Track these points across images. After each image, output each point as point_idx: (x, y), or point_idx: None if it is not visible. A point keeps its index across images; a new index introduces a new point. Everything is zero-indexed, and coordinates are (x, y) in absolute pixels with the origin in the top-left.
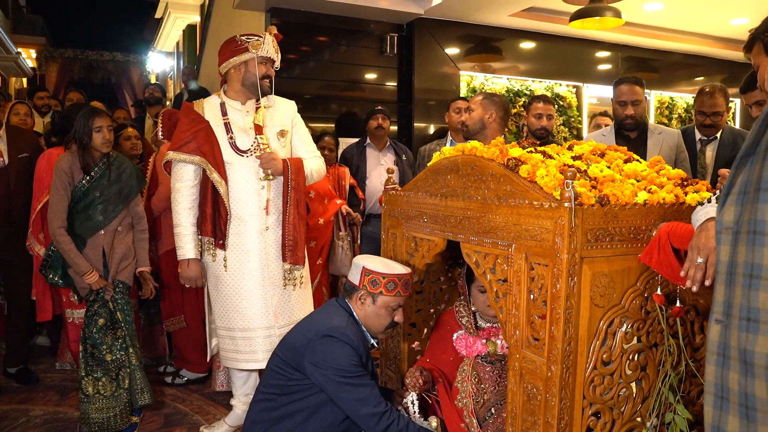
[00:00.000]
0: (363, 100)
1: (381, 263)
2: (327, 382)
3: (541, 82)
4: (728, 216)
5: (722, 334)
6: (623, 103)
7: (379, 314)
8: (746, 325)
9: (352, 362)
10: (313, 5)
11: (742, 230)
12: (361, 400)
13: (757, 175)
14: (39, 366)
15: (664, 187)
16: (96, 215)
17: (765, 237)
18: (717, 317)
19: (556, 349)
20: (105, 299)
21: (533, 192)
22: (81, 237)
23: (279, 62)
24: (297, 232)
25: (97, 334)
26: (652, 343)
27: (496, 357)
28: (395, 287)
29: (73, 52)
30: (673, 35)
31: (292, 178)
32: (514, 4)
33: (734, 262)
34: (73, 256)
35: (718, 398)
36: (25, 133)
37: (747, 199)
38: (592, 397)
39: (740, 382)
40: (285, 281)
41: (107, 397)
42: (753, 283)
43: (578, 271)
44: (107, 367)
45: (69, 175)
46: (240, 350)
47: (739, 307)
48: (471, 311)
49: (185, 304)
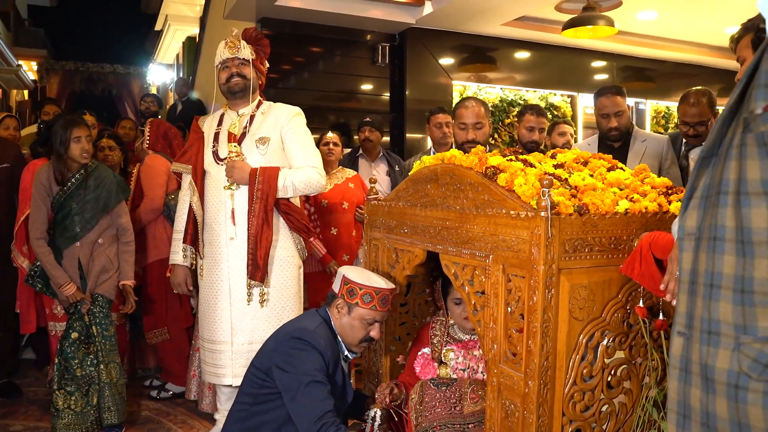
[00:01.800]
0: (356, 110)
1: (361, 274)
2: (287, 384)
3: (535, 91)
4: (690, 221)
5: (684, 348)
6: (606, 116)
7: (354, 326)
8: (707, 338)
9: (315, 367)
10: (304, 15)
11: (704, 236)
12: (309, 409)
13: (718, 178)
14: (24, 380)
15: (647, 195)
16: (73, 226)
17: (725, 243)
18: (679, 329)
19: (533, 363)
20: (81, 312)
21: (510, 201)
22: (58, 248)
23: (249, 56)
24: (259, 246)
25: (68, 348)
26: (635, 357)
27: (445, 380)
28: (371, 300)
29: (74, 65)
30: (668, 44)
31: (258, 188)
32: (506, 14)
33: (696, 271)
34: (51, 268)
35: (680, 416)
36: (6, 143)
37: (709, 203)
38: (572, 414)
39: (701, 399)
40: (248, 297)
41: (77, 413)
42: (713, 293)
43: (556, 283)
44: (78, 382)
45: (47, 187)
46: (207, 362)
47: (700, 319)
48: (446, 327)
49: (168, 317)
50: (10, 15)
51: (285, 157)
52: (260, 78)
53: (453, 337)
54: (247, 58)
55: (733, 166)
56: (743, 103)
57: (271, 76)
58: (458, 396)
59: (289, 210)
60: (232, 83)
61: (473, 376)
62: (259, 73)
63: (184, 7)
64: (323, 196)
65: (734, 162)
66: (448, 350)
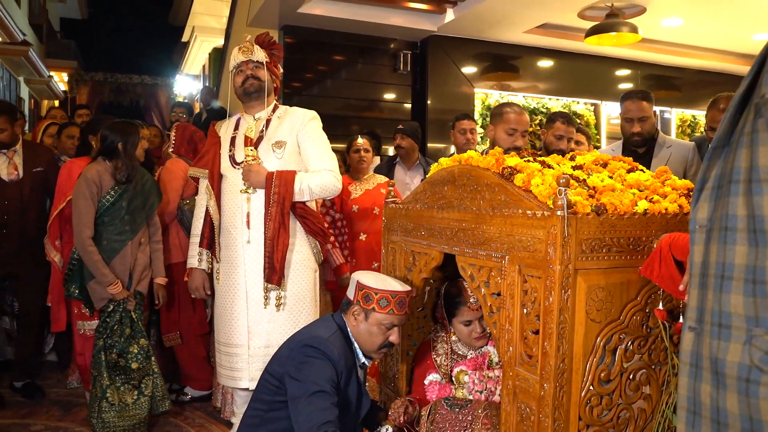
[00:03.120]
0: (378, 119)
1: (376, 278)
2: (294, 393)
3: (558, 99)
4: (702, 213)
5: (695, 343)
6: (630, 120)
7: (372, 332)
8: (717, 332)
9: (324, 376)
10: (326, 23)
11: (715, 227)
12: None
13: (730, 167)
14: (46, 381)
15: (667, 196)
16: (123, 226)
17: (736, 233)
18: (690, 324)
19: (549, 366)
20: (128, 309)
21: (527, 201)
22: (111, 249)
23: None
24: (276, 250)
25: (124, 344)
26: (655, 361)
27: (460, 401)
28: (388, 304)
29: (102, 75)
30: (694, 51)
31: (275, 192)
32: (528, 21)
33: (707, 263)
34: (100, 266)
35: (690, 414)
36: (40, 147)
37: (720, 193)
38: (589, 419)
39: (712, 395)
40: (265, 301)
41: (129, 405)
42: (724, 284)
43: (572, 284)
44: (130, 375)
45: (98, 186)
46: (223, 365)
47: (711, 312)
48: (449, 343)
49: (181, 321)
50: (43, 28)
51: (301, 160)
52: (275, 81)
53: (458, 353)
54: (261, 61)
55: (744, 154)
56: (755, 90)
57: (294, 84)
58: (470, 419)
59: (306, 213)
60: (247, 85)
61: (490, 398)
62: (273, 77)
63: (210, 19)
64: (354, 202)
65: (745, 150)
66: (461, 372)
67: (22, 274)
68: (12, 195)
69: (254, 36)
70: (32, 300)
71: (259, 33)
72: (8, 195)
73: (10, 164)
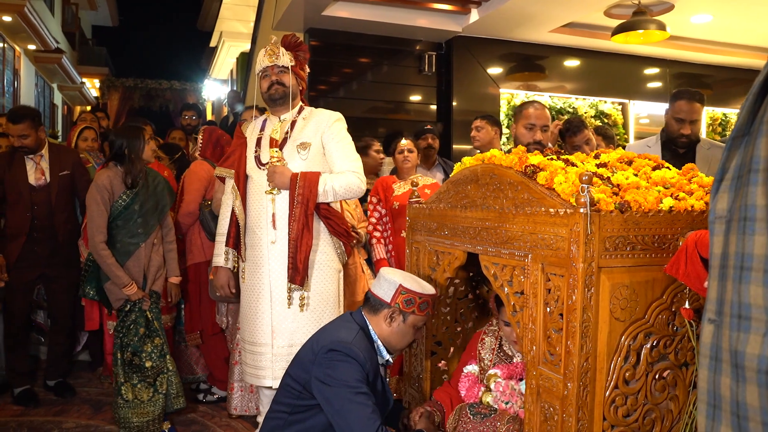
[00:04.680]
0: (404, 121)
1: (414, 282)
2: (329, 398)
3: (584, 99)
4: (721, 204)
5: (714, 335)
6: (680, 120)
7: (406, 333)
8: (737, 324)
9: (356, 378)
10: (351, 25)
11: (734, 218)
12: (361, 424)
13: (749, 157)
14: (77, 380)
15: (693, 194)
16: (136, 229)
17: (756, 223)
18: (710, 316)
19: (572, 364)
20: (143, 309)
21: (550, 199)
22: (125, 251)
23: (288, 63)
24: (299, 251)
25: (138, 343)
26: (682, 361)
27: (484, 410)
28: (427, 307)
29: (133, 81)
30: (724, 48)
31: (299, 193)
32: (554, 20)
33: (726, 254)
34: (115, 269)
35: (710, 407)
36: (66, 151)
37: (740, 183)
38: (614, 419)
39: (732, 388)
40: (289, 301)
41: (145, 402)
42: (744, 275)
43: (596, 282)
44: (145, 373)
45: (109, 191)
46: (248, 363)
47: (731, 304)
48: (498, 339)
49: (202, 320)
50: (76, 35)
51: (326, 162)
52: (301, 84)
53: (506, 353)
54: (286, 66)
55: (763, 143)
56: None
57: (320, 87)
58: (492, 430)
59: (330, 215)
60: (272, 91)
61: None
62: (299, 79)
63: (238, 24)
64: (396, 199)
65: (765, 138)
66: (493, 376)
67: (54, 275)
68: (41, 199)
69: (280, 38)
70: (64, 301)
71: (284, 35)
72: (37, 200)
73: (37, 169)
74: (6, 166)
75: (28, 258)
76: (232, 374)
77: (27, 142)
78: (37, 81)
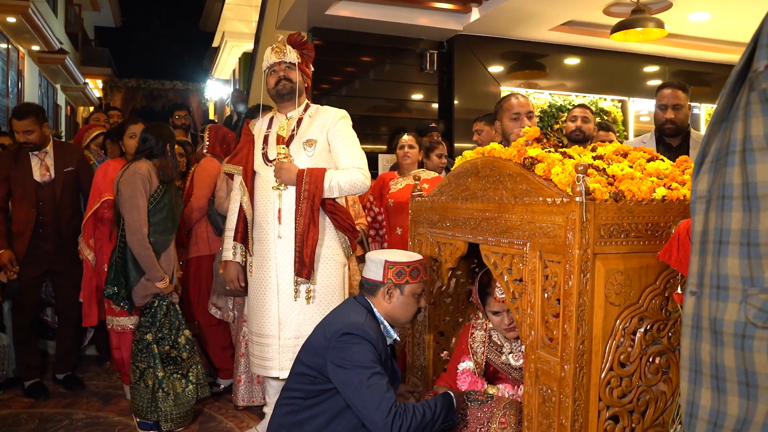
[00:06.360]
0: (406, 119)
1: (400, 254)
2: (346, 381)
3: (584, 96)
4: (702, 185)
5: (696, 306)
6: (664, 107)
7: (408, 303)
8: (716, 293)
9: (370, 358)
10: (354, 24)
11: (714, 197)
12: (377, 403)
13: (727, 140)
14: (85, 374)
15: (686, 184)
16: (168, 223)
17: (732, 201)
18: (692, 289)
19: (569, 347)
20: (173, 302)
21: (547, 189)
22: (162, 246)
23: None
24: (305, 245)
25: (175, 335)
26: (675, 345)
27: (481, 396)
28: (419, 273)
29: (135, 82)
30: (723, 46)
31: (305, 188)
32: (553, 18)
33: (707, 230)
34: (153, 263)
35: (692, 372)
36: (71, 148)
37: (719, 165)
38: (609, 400)
39: (711, 353)
40: (295, 294)
41: (180, 393)
42: (722, 249)
43: (591, 268)
44: (180, 365)
45: (150, 182)
46: (255, 354)
47: (710, 276)
48: (487, 331)
49: (198, 311)
50: (79, 36)
51: (331, 158)
52: (306, 81)
53: (496, 342)
54: (293, 62)
55: (739, 127)
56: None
57: (323, 86)
58: (488, 416)
59: (335, 210)
60: (280, 86)
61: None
62: (305, 77)
63: (240, 24)
64: (391, 196)
65: (741, 122)
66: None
67: (61, 271)
68: (46, 196)
69: (286, 36)
70: (71, 296)
71: (290, 33)
72: (43, 196)
73: (42, 165)
74: (12, 162)
75: (34, 254)
76: (238, 366)
77: (32, 137)
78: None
